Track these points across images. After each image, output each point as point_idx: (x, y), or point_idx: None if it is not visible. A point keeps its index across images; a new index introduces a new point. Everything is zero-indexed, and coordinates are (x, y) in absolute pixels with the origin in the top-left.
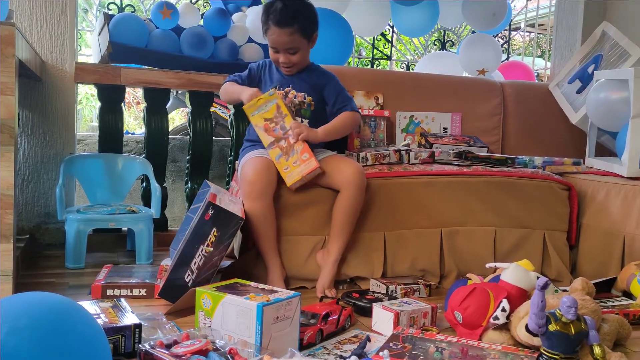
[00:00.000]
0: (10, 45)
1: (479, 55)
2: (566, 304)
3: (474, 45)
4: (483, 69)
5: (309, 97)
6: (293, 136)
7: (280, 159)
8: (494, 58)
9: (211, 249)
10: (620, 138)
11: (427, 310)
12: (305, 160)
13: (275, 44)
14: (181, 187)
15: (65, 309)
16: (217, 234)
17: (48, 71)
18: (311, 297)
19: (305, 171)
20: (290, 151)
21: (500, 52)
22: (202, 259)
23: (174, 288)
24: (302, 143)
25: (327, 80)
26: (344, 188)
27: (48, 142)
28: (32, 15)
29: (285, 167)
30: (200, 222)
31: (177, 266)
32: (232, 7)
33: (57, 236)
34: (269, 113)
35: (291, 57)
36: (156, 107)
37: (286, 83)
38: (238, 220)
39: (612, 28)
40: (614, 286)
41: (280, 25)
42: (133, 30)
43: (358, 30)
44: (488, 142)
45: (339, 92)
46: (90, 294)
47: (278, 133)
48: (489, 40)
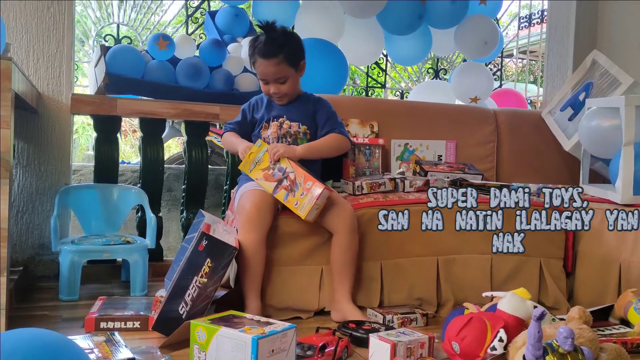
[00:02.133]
0: (6, 79)
1: (471, 83)
2: (563, 334)
3: (466, 74)
4: (475, 96)
5: (304, 126)
6: (270, 157)
7: (288, 198)
8: (486, 86)
9: (205, 279)
10: (613, 165)
11: (424, 340)
12: (309, 188)
13: (263, 75)
14: (177, 216)
15: (57, 346)
16: (211, 265)
17: (44, 103)
18: (307, 328)
19: (315, 199)
20: (294, 187)
21: (492, 79)
22: (196, 290)
23: (168, 320)
24: (302, 173)
25: (319, 106)
26: (337, 232)
27: (43, 173)
28: (29, 47)
29: (295, 203)
30: (194, 253)
31: (171, 298)
32: (227, 37)
33: (51, 268)
34: (263, 163)
35: (281, 87)
36: (152, 137)
37: (280, 114)
38: (232, 251)
39: (602, 56)
40: (612, 314)
41: (266, 57)
42: (129, 62)
43: (352, 59)
44: (483, 169)
45: (329, 116)
46: (83, 327)
47: (277, 176)
48: (481, 69)
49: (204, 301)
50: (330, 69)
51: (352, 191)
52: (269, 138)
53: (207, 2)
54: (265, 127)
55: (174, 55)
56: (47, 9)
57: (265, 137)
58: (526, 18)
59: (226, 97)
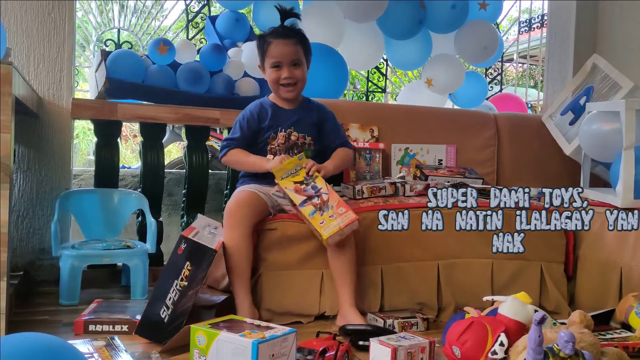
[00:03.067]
0: (7, 84)
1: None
2: (564, 338)
3: None
4: (427, 78)
5: (309, 138)
6: (307, 168)
7: (315, 215)
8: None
9: (185, 282)
10: (614, 169)
11: (424, 345)
12: (342, 213)
13: (279, 56)
14: (177, 221)
15: (57, 350)
16: (191, 268)
17: (45, 107)
18: (307, 333)
19: (343, 223)
20: (324, 207)
21: (485, 86)
22: (177, 293)
23: (150, 324)
24: (336, 198)
25: (326, 116)
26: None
27: (44, 178)
28: (30, 52)
29: (320, 222)
30: (174, 256)
31: (153, 302)
32: (228, 42)
33: (52, 272)
34: (298, 177)
35: (295, 72)
36: (152, 141)
37: (288, 125)
38: (212, 253)
39: (603, 60)
40: (613, 318)
41: (285, 37)
42: (130, 66)
43: (352, 63)
44: (483, 173)
45: (338, 128)
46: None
47: (310, 192)
48: (454, 61)
49: (185, 304)
50: (330, 74)
51: (352, 195)
52: (276, 149)
53: (207, 7)
54: (273, 137)
55: (174, 60)
56: (48, 13)
57: (272, 148)
58: (526, 22)
59: (227, 102)
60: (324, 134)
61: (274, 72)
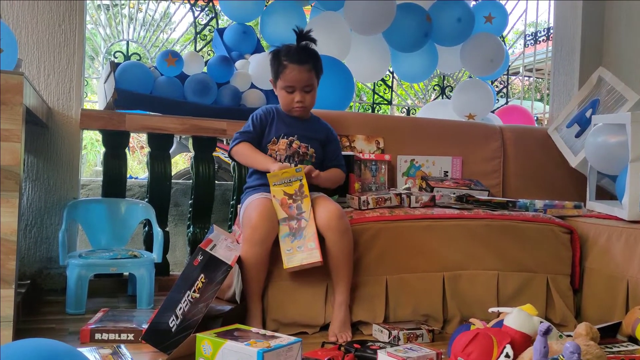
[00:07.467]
0: (18, 94)
1: (471, 99)
2: (569, 349)
3: (466, 91)
4: (470, 113)
5: (312, 149)
6: (306, 170)
7: (286, 239)
8: (486, 103)
9: (197, 295)
10: (620, 181)
11: (431, 356)
12: (310, 249)
13: (294, 81)
14: (183, 231)
15: (64, 356)
16: (205, 280)
17: (54, 118)
18: (312, 343)
19: (306, 261)
20: (298, 234)
21: (492, 96)
22: (188, 304)
23: (157, 332)
24: (313, 230)
25: (332, 138)
26: (324, 233)
27: (52, 188)
28: (40, 63)
29: (288, 249)
30: (189, 267)
31: (163, 310)
32: (235, 54)
33: (59, 281)
34: (290, 188)
35: (306, 96)
36: (160, 152)
37: (291, 132)
38: (227, 268)
39: (608, 73)
40: (619, 331)
41: (301, 63)
42: (138, 78)
43: (359, 76)
44: (489, 185)
45: (339, 153)
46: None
47: (292, 212)
48: (481, 86)
49: (195, 316)
50: (336, 86)
51: (357, 206)
52: (276, 154)
53: (215, 19)
54: (274, 142)
55: (182, 72)
56: (58, 25)
57: (272, 153)
58: (532, 36)
59: (233, 113)
60: (325, 153)
61: (287, 95)
